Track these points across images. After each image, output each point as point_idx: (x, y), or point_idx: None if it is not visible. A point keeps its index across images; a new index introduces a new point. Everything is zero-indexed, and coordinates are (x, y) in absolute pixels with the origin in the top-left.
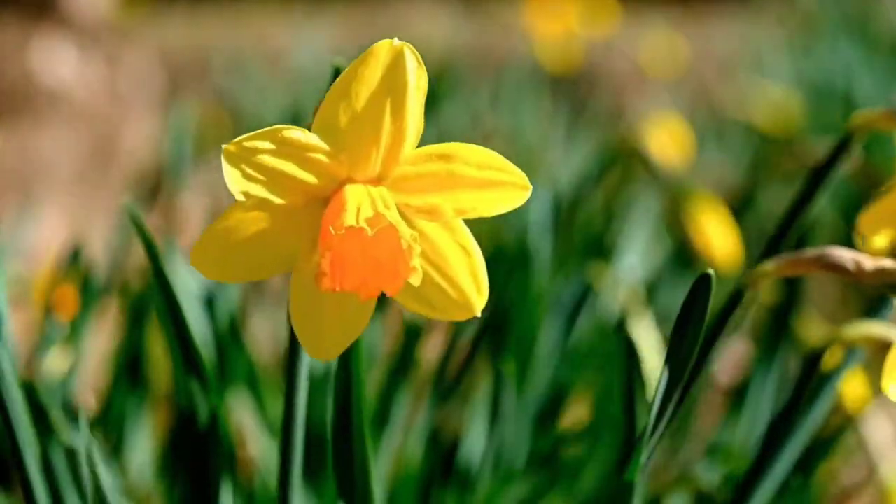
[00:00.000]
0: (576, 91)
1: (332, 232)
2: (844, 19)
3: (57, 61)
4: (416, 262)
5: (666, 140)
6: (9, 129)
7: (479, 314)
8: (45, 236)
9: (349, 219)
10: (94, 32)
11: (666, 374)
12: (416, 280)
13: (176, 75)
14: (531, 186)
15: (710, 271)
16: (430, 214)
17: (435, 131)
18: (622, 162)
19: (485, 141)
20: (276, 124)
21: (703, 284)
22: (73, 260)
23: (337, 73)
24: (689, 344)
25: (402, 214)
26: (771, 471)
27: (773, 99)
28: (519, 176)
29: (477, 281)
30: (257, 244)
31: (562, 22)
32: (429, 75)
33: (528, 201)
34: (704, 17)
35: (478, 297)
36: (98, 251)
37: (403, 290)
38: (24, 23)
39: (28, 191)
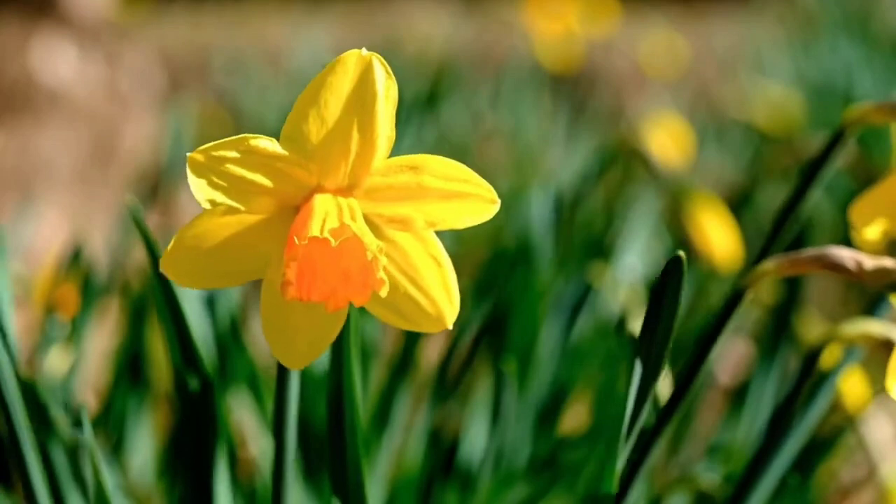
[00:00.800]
0: (576, 91)
1: (297, 242)
2: (844, 18)
3: (57, 61)
4: (382, 273)
5: (666, 140)
6: (9, 128)
7: (450, 326)
8: (46, 235)
9: (314, 229)
10: (94, 32)
11: (639, 366)
12: (383, 291)
13: (176, 75)
14: (498, 200)
15: (680, 253)
16: (401, 224)
17: (435, 131)
18: (622, 162)
19: (485, 141)
20: (276, 124)
21: (674, 266)
22: (74, 259)
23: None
24: (664, 329)
25: (373, 224)
26: (769, 469)
27: (773, 98)
28: (486, 189)
29: (449, 292)
30: (229, 251)
31: (562, 22)
32: (429, 75)
33: (529, 200)
34: (705, 17)
35: (450, 309)
36: (99, 250)
37: (374, 300)
38: (24, 22)
39: (28, 190)
